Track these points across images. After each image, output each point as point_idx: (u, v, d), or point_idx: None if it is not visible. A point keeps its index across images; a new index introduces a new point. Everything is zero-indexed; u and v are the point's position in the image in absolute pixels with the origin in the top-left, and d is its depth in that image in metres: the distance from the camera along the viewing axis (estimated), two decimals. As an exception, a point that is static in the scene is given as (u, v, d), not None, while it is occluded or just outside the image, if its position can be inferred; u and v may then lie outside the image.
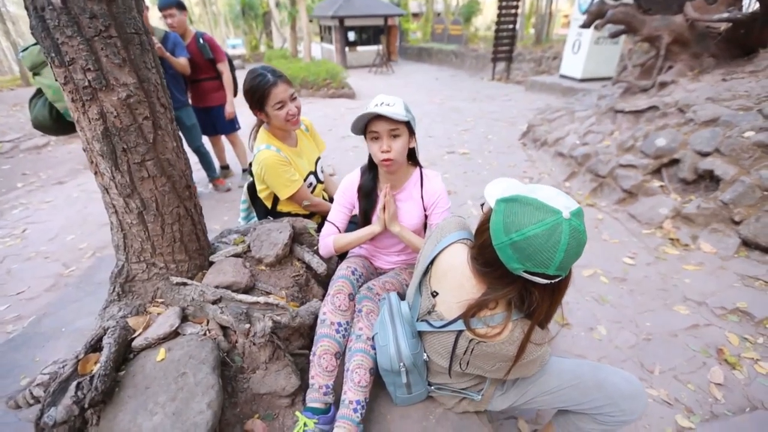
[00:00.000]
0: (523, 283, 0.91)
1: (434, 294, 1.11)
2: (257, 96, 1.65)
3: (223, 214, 3.53)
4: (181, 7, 3.25)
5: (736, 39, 3.80)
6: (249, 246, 1.66)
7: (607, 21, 4.26)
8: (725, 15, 3.62)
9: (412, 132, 1.41)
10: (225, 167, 4.24)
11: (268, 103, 1.65)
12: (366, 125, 1.35)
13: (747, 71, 3.61)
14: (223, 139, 4.10)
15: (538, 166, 4.55)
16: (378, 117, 1.29)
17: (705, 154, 3.03)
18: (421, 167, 1.56)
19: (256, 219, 2.12)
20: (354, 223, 1.83)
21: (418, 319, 1.18)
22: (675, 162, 3.24)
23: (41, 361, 1.50)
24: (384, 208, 1.47)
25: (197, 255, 1.49)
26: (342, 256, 1.81)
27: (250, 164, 2.02)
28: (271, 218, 1.97)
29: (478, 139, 5.67)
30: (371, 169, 1.53)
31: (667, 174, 3.28)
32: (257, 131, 1.85)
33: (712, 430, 1.68)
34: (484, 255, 0.94)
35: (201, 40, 3.37)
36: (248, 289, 1.47)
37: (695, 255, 2.74)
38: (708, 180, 2.99)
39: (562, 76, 8.15)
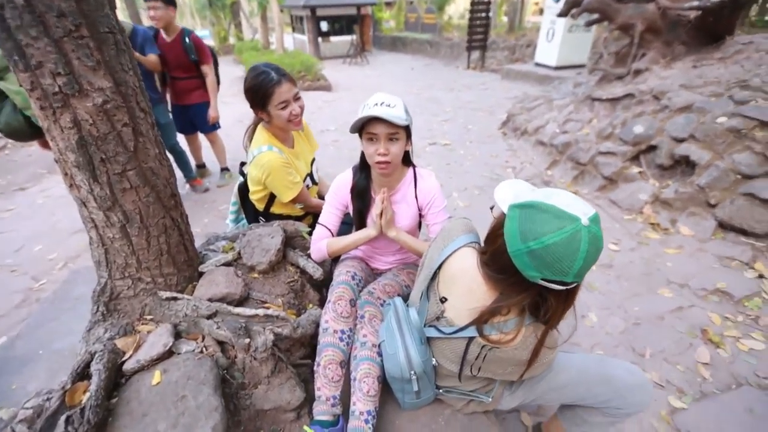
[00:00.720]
0: (538, 289, 0.89)
1: (443, 300, 1.09)
2: (260, 95, 1.59)
3: (203, 217, 3.41)
4: (168, 2, 3.08)
5: (705, 27, 3.92)
6: (239, 253, 1.59)
7: (583, 10, 4.30)
8: (695, 3, 3.72)
9: (409, 135, 1.38)
10: (201, 166, 4.09)
11: (271, 102, 1.60)
12: (362, 124, 1.32)
13: (716, 58, 3.72)
14: (200, 137, 3.94)
15: (519, 156, 4.60)
16: (377, 118, 1.25)
17: (680, 140, 3.13)
18: (414, 167, 1.54)
19: (245, 222, 2.05)
20: (346, 224, 1.80)
21: (425, 325, 1.16)
22: (652, 148, 3.33)
23: (19, 388, 1.39)
24: (381, 213, 1.44)
25: (186, 266, 1.41)
26: (336, 258, 1.76)
27: (242, 164, 1.94)
28: (264, 220, 1.90)
29: (458, 129, 5.68)
30: (364, 168, 1.50)
31: (645, 160, 3.37)
32: (254, 130, 1.78)
33: (704, 408, 1.74)
34: (498, 261, 0.92)
35: (187, 40, 3.23)
36: (242, 300, 1.41)
37: (675, 238, 2.83)
38: (684, 165, 3.09)
39: (537, 64, 8.25)
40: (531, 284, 0.88)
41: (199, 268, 1.48)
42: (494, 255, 0.93)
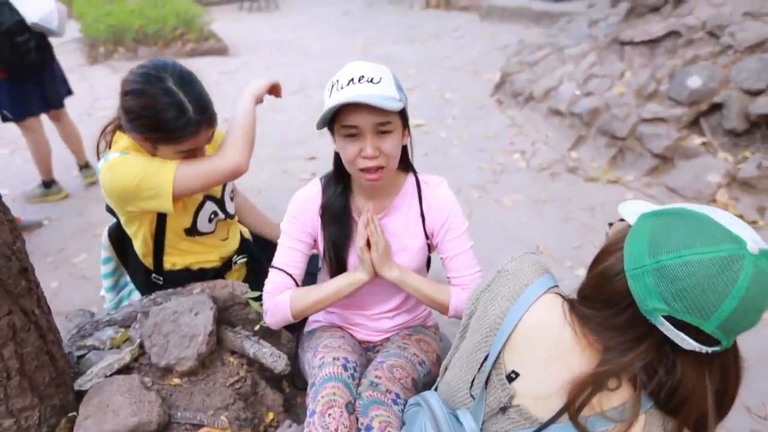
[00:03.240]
0: (658, 341, 0.89)
1: (512, 377, 1.06)
2: (159, 133, 1.54)
3: (49, 279, 3.17)
4: None
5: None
6: (142, 346, 1.54)
7: None
8: None
9: (406, 122, 1.39)
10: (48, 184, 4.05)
11: (172, 147, 1.58)
12: (334, 114, 1.32)
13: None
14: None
15: (527, 133, 4.72)
16: (357, 104, 1.26)
17: (756, 93, 3.35)
18: (415, 172, 1.56)
19: (132, 290, 1.99)
20: (311, 273, 1.76)
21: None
22: (717, 107, 3.54)
23: None
24: (368, 243, 1.43)
25: (54, 388, 1.34)
26: (294, 325, 1.70)
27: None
28: (160, 282, 1.83)
29: (432, 100, 5.78)
30: (339, 178, 1.50)
31: (709, 125, 3.58)
32: (112, 136, 1.72)
33: None
34: (603, 290, 0.95)
35: None
36: (163, 428, 1.33)
37: (769, 234, 3.00)
38: (765, 127, 3.31)
39: (530, -4, 8.64)
40: (648, 328, 0.88)
41: (75, 384, 1.42)
42: (599, 281, 0.95)
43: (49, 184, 4.05)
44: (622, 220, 1.03)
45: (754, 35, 3.54)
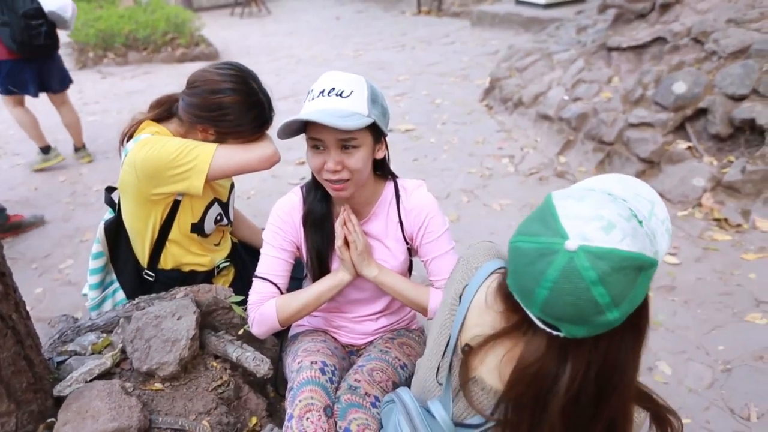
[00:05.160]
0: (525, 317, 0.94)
1: (465, 350, 1.09)
2: (240, 125, 1.68)
3: (33, 285, 3.14)
4: None
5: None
6: (123, 352, 1.54)
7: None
8: None
9: (380, 133, 1.40)
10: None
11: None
12: (305, 123, 1.32)
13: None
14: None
15: (516, 138, 4.75)
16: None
17: (740, 98, 3.39)
18: (395, 179, 1.57)
19: (117, 291, 1.98)
20: (296, 279, 1.76)
21: (456, 422, 1.12)
22: (702, 113, 3.57)
23: None
24: (345, 242, 1.44)
25: (32, 394, 1.33)
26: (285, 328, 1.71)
27: (109, 190, 1.89)
28: (152, 279, 1.84)
29: (422, 105, 5.80)
30: (318, 186, 1.49)
31: (694, 130, 3.61)
32: (137, 126, 1.76)
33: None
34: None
35: None
36: None
37: (753, 237, 3.03)
38: (749, 132, 3.34)
39: (520, 2, 8.68)
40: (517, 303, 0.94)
41: (54, 390, 1.40)
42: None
43: (46, 149, 4.40)
44: None
45: (737, 42, 3.57)
